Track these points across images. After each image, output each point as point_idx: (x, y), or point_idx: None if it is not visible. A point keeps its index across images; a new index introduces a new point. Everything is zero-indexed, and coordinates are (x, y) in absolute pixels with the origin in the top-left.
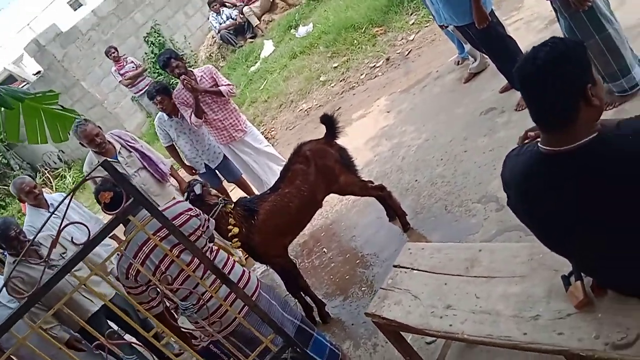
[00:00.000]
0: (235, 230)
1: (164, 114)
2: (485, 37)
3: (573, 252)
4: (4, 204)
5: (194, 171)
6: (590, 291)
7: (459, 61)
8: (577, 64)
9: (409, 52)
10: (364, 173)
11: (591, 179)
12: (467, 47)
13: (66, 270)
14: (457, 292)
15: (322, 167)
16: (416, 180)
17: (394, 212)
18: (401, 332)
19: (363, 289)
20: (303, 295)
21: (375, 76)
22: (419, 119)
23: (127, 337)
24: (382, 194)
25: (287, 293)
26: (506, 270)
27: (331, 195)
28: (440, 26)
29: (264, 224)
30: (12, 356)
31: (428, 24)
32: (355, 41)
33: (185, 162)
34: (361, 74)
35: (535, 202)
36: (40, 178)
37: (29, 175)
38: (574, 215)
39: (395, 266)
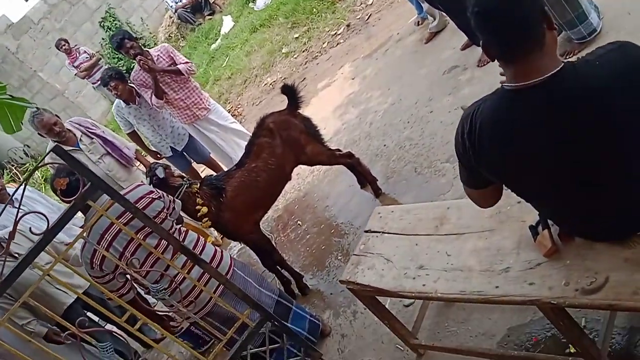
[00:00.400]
0: (204, 209)
1: (121, 102)
2: None
3: (542, 195)
4: None
5: (159, 156)
6: (558, 239)
7: (418, 22)
8: None
9: (369, 17)
10: (333, 142)
11: (562, 110)
12: (425, 6)
13: (27, 262)
14: (428, 251)
15: (288, 138)
16: (385, 145)
17: (365, 178)
18: (377, 297)
19: (339, 257)
20: (280, 269)
21: (337, 44)
22: (384, 84)
23: (108, 326)
24: (350, 161)
25: (264, 269)
26: (475, 225)
27: (302, 167)
28: None
29: (233, 200)
30: None
31: None
32: (314, 10)
33: (150, 147)
34: (323, 43)
35: (505, 144)
36: (8, 174)
37: None
38: (545, 151)
39: (366, 231)
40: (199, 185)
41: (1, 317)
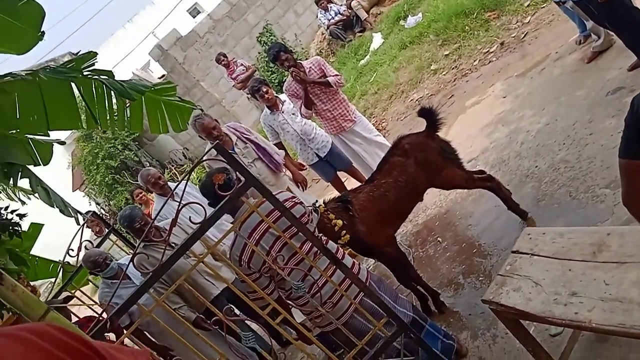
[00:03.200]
0: (339, 222)
1: (267, 109)
2: (609, 10)
3: None
4: (134, 186)
5: (303, 167)
6: None
7: (580, 40)
8: None
9: (525, 35)
10: (479, 161)
11: None
12: (589, 24)
13: (185, 248)
14: (582, 278)
15: (423, 160)
16: (536, 166)
17: (506, 203)
18: (521, 322)
19: (480, 278)
20: (415, 285)
21: (489, 62)
22: (538, 103)
23: (248, 322)
24: (490, 185)
25: (399, 284)
26: (639, 255)
27: None
28: (557, 2)
29: (363, 213)
30: (145, 332)
31: (545, 5)
32: (466, 27)
33: (297, 159)
34: (474, 60)
35: None
36: (168, 174)
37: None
38: None
39: (514, 252)
40: (323, 205)
41: (156, 301)
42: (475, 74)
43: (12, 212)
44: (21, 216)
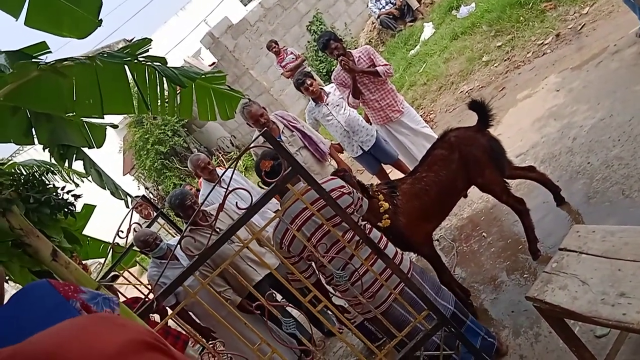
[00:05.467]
0: (386, 205)
1: (312, 102)
2: None
3: None
4: (184, 183)
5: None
6: None
7: None
8: None
9: (582, 27)
10: (529, 155)
11: None
12: None
13: (231, 233)
14: (632, 279)
15: (468, 155)
16: (589, 163)
17: (527, 238)
18: (566, 321)
19: (525, 275)
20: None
21: (544, 54)
22: (593, 97)
23: (289, 309)
24: (520, 209)
25: None
26: None
27: None
28: None
29: (406, 205)
30: (190, 313)
31: None
32: (521, 18)
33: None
34: (527, 52)
35: None
36: (215, 161)
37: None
38: None
39: (561, 249)
40: (377, 185)
41: (198, 286)
42: (528, 66)
43: (67, 192)
44: (76, 197)
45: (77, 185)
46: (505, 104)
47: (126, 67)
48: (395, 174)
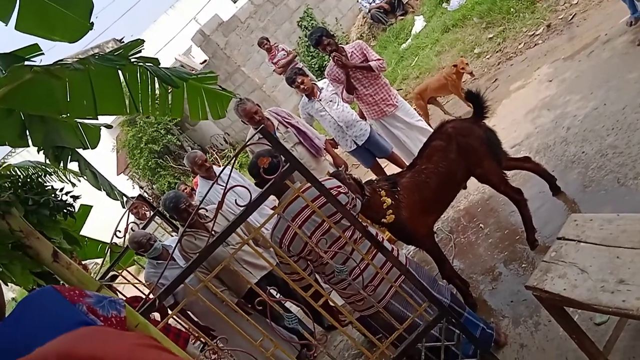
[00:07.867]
0: (388, 200)
1: (305, 97)
2: None
3: None
4: (179, 182)
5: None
6: None
7: (631, 22)
8: None
9: (573, 17)
10: (523, 146)
11: None
12: None
13: (230, 230)
14: (631, 266)
15: (465, 146)
16: (583, 152)
17: (525, 228)
18: (566, 309)
19: (523, 265)
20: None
21: (535, 44)
22: (586, 87)
23: (288, 304)
24: (518, 199)
25: (438, 272)
26: None
27: None
28: None
29: (407, 199)
30: (188, 312)
31: None
32: (511, 9)
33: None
34: (519, 43)
35: None
36: (209, 158)
37: None
38: None
39: (559, 238)
40: (377, 181)
41: (199, 285)
42: (520, 57)
43: (66, 193)
44: (75, 198)
45: (74, 185)
46: (499, 95)
47: (119, 68)
48: (390, 168)
